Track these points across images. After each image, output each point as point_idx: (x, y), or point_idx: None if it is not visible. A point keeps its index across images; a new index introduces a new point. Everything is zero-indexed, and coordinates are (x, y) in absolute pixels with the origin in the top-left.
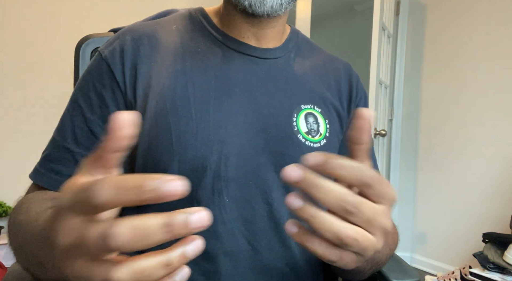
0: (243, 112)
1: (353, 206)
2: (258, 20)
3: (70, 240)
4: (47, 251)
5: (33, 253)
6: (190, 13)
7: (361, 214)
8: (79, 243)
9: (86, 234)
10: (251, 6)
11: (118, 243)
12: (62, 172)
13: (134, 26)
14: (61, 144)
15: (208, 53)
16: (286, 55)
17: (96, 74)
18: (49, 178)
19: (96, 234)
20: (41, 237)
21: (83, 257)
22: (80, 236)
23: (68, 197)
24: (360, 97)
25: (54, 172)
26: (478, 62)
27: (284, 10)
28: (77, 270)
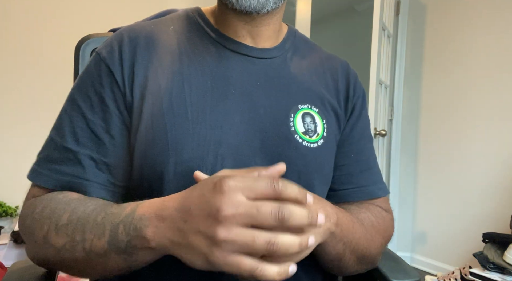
0: (240, 113)
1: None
2: (251, 17)
3: (234, 211)
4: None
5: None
6: (187, 14)
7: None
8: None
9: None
10: (238, 1)
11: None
12: (66, 172)
13: (131, 26)
14: (60, 144)
15: (205, 54)
16: (283, 54)
17: (95, 74)
18: (54, 179)
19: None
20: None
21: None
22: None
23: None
24: (358, 96)
25: (58, 173)
26: (478, 62)
27: (273, 5)
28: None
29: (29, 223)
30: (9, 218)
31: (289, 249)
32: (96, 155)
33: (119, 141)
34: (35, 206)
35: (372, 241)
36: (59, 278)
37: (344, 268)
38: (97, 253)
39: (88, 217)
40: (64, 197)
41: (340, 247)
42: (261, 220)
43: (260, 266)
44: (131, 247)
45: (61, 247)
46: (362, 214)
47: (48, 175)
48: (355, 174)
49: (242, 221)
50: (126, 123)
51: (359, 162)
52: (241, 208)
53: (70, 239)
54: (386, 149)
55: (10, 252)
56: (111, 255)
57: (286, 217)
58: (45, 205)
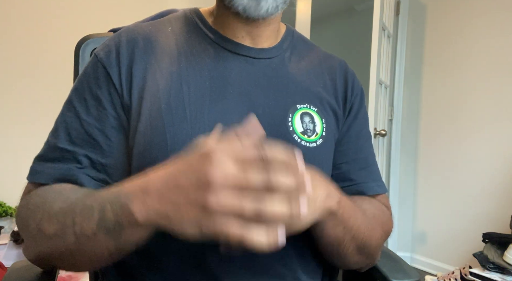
0: (238, 113)
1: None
2: (253, 21)
3: (223, 177)
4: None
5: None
6: (185, 14)
7: None
8: (234, 181)
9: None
10: (245, 11)
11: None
12: (61, 167)
13: (130, 27)
14: (54, 145)
15: (203, 54)
16: (281, 54)
17: (92, 76)
18: (48, 174)
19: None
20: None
21: (235, 194)
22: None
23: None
24: (355, 95)
25: (53, 168)
26: (478, 62)
27: (280, 11)
28: (225, 205)
29: (24, 215)
30: (9, 218)
31: (279, 215)
32: (91, 154)
33: (115, 142)
34: (29, 198)
35: (373, 231)
36: (59, 278)
37: (343, 255)
38: (87, 236)
39: (78, 201)
40: (58, 187)
41: (340, 230)
42: (249, 185)
43: (249, 234)
44: (119, 225)
45: (53, 234)
46: (365, 204)
47: (43, 171)
48: (353, 171)
49: (232, 187)
50: (123, 125)
51: (357, 160)
52: (230, 174)
53: (61, 225)
54: (386, 149)
55: (10, 252)
56: (100, 237)
57: (275, 184)
58: (39, 195)
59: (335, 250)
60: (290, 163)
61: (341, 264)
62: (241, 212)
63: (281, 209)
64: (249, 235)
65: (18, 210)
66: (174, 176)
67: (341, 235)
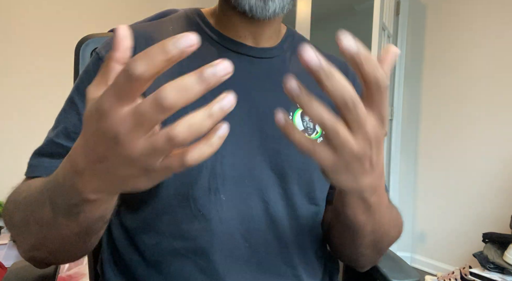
0: (239, 111)
1: (352, 103)
2: (258, 22)
3: (127, 125)
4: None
5: (67, 195)
6: (186, 14)
7: (356, 113)
8: (137, 120)
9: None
10: (252, 11)
11: (171, 102)
12: (55, 163)
13: (131, 27)
14: (51, 139)
15: (205, 54)
16: (282, 54)
17: (94, 74)
18: (42, 167)
19: (148, 104)
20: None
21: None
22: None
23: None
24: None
25: (46, 163)
26: (478, 62)
27: (286, 11)
28: (142, 149)
29: (4, 209)
30: None
31: (198, 128)
32: None
33: None
34: (12, 192)
35: (391, 229)
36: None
37: (355, 246)
38: (47, 223)
39: (36, 189)
40: (36, 179)
41: (363, 219)
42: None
43: (185, 155)
44: (74, 205)
45: (19, 223)
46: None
47: (38, 165)
48: None
49: (139, 130)
50: None
51: None
52: (127, 119)
53: (24, 214)
54: (386, 149)
55: (10, 252)
56: (60, 220)
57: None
58: (17, 189)
59: (349, 235)
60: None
61: (348, 253)
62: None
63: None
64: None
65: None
66: (89, 148)
67: (362, 224)
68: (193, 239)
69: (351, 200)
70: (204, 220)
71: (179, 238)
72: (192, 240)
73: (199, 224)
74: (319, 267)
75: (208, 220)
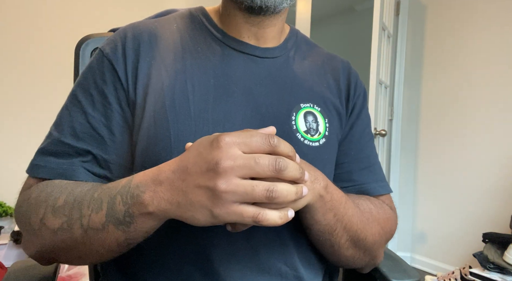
0: (242, 111)
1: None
2: (259, 19)
3: (234, 162)
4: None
5: (128, 203)
6: (191, 12)
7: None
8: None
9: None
10: (253, 0)
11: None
12: (62, 162)
13: (135, 24)
14: (58, 139)
15: (208, 52)
16: (285, 54)
17: (98, 71)
18: (50, 169)
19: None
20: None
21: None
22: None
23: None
24: (358, 95)
25: (54, 163)
26: (478, 62)
27: (286, 5)
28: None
29: (25, 209)
30: (9, 218)
31: (287, 196)
32: (94, 150)
33: (119, 138)
34: (30, 193)
35: (368, 225)
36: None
37: (336, 247)
38: (95, 228)
39: (85, 195)
40: (60, 182)
41: (331, 217)
42: (258, 171)
43: (262, 211)
44: (129, 216)
45: (58, 227)
46: (360, 200)
47: (44, 166)
48: (355, 171)
49: (241, 172)
50: (127, 121)
51: (359, 160)
52: (239, 160)
53: (67, 218)
54: (386, 149)
55: (10, 252)
56: (110, 228)
57: (282, 168)
58: (41, 190)
59: (327, 239)
60: (293, 155)
61: (337, 258)
62: (252, 193)
63: (290, 190)
64: (262, 213)
65: (18, 204)
66: (184, 164)
67: (332, 223)
68: (193, 239)
69: (313, 205)
70: None
71: (179, 238)
72: (192, 239)
73: None
74: (320, 267)
75: None
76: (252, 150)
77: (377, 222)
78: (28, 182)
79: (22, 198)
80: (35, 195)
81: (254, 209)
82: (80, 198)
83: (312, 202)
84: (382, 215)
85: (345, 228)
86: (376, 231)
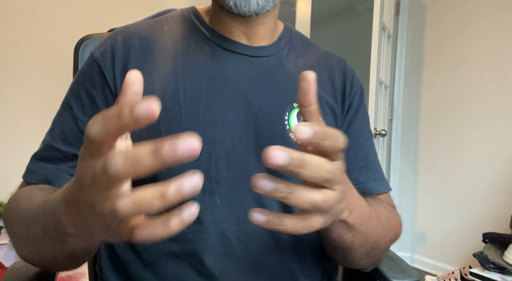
0: (234, 112)
1: (331, 174)
2: (247, 19)
3: (87, 176)
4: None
5: (54, 222)
6: (182, 13)
7: (336, 179)
8: (92, 177)
9: (95, 170)
10: (236, 7)
11: (115, 171)
12: (50, 167)
13: (126, 27)
14: (49, 144)
15: (199, 53)
16: (279, 53)
17: (88, 75)
18: (38, 173)
19: (99, 166)
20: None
21: (98, 192)
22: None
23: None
24: (355, 92)
25: (43, 168)
26: (478, 62)
27: (272, 4)
28: (101, 205)
29: (4, 213)
30: None
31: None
32: None
33: None
34: (12, 197)
35: (383, 235)
36: (58, 278)
37: (349, 259)
38: (38, 241)
39: (34, 205)
40: (36, 187)
41: (349, 237)
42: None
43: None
44: (59, 234)
45: (16, 233)
46: (379, 207)
47: (36, 171)
48: (353, 170)
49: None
50: None
51: (358, 159)
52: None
53: (21, 227)
54: (386, 149)
55: (10, 252)
56: (48, 242)
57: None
58: (17, 195)
59: (341, 253)
60: None
61: (347, 265)
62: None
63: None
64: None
65: (4, 208)
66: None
67: (349, 242)
68: (188, 241)
69: (332, 226)
70: (198, 223)
71: (174, 240)
72: (187, 242)
73: (193, 226)
74: (316, 268)
75: (202, 223)
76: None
77: (392, 229)
78: (20, 186)
79: (7, 203)
80: (11, 201)
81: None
82: (30, 208)
83: (344, 217)
84: (396, 220)
85: (361, 244)
86: (389, 238)
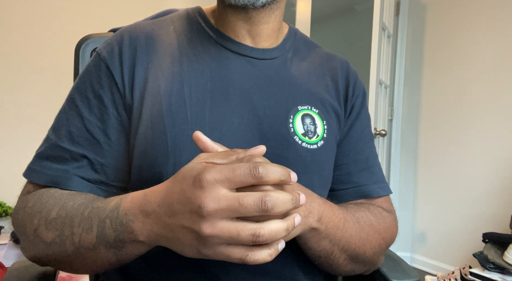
0: (239, 114)
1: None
2: (248, 15)
3: (219, 205)
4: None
5: (117, 229)
6: (188, 13)
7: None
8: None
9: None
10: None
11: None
12: (58, 168)
13: (132, 26)
14: (55, 143)
15: (205, 55)
16: (283, 55)
17: (95, 75)
18: (46, 175)
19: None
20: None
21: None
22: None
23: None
24: (357, 95)
25: (51, 169)
26: (478, 62)
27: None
28: (218, 231)
29: (21, 218)
30: (9, 218)
31: (276, 236)
32: (90, 154)
33: (115, 142)
34: (27, 201)
35: (368, 240)
36: (59, 278)
37: (335, 266)
38: (86, 247)
39: (76, 211)
40: (55, 192)
41: (326, 244)
42: (244, 212)
43: (250, 253)
44: (120, 241)
45: (51, 241)
46: (361, 212)
47: (41, 171)
48: (354, 173)
49: (225, 215)
50: (124, 125)
51: (358, 161)
52: (222, 202)
53: (59, 233)
54: (386, 149)
55: (10, 252)
56: (101, 249)
57: (269, 207)
58: (37, 199)
59: (324, 261)
60: (286, 179)
61: (336, 273)
62: (237, 238)
63: (279, 229)
64: (250, 255)
65: (15, 210)
66: (169, 200)
67: (328, 248)
68: None
69: (304, 236)
70: None
71: None
72: None
73: None
74: (317, 270)
75: None
76: (237, 185)
77: (378, 234)
78: (26, 187)
79: (19, 205)
80: (31, 204)
81: (241, 251)
82: (71, 213)
83: (303, 233)
84: (383, 225)
85: (342, 249)
86: (377, 243)
